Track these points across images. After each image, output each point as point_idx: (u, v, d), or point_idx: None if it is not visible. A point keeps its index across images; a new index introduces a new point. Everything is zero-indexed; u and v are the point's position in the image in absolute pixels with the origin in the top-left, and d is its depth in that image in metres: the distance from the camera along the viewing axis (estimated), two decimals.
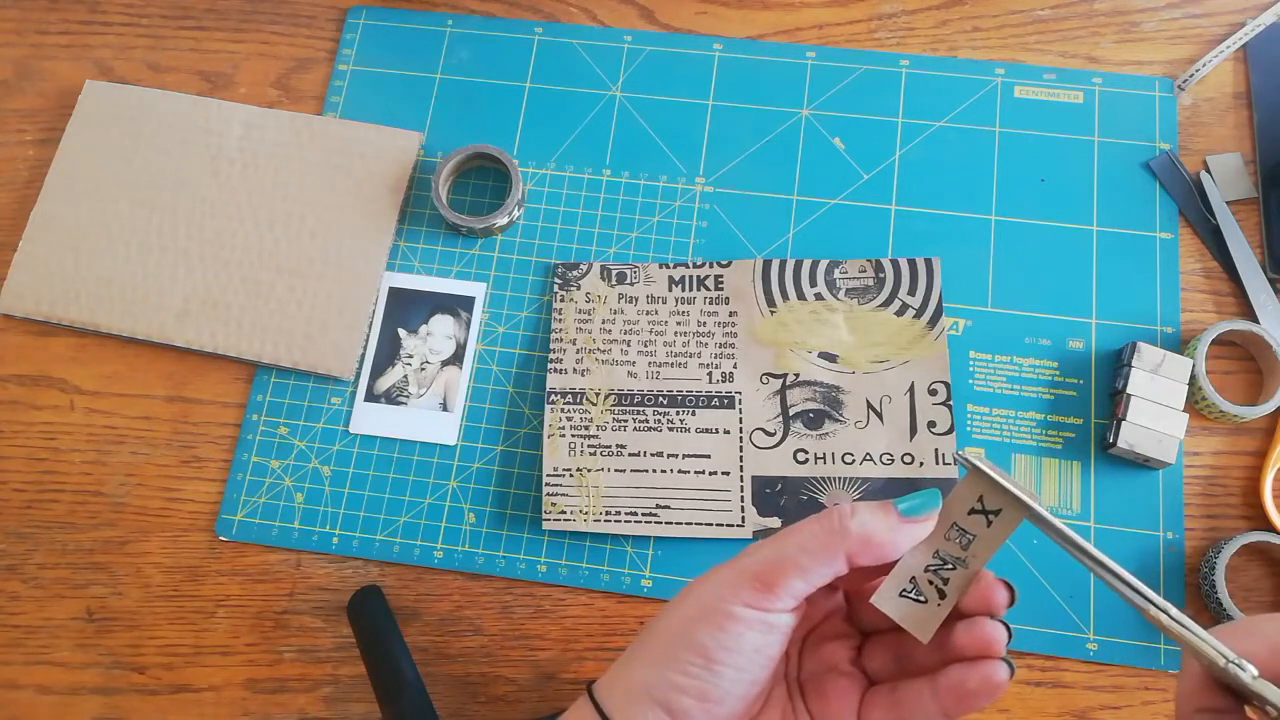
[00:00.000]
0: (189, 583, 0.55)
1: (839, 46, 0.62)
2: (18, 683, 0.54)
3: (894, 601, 0.34)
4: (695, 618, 0.34)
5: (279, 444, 0.56)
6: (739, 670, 0.33)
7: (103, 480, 0.57)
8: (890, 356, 0.55)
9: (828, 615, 0.39)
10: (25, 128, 0.63)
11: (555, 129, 0.61)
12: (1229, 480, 0.54)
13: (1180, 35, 0.61)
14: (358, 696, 0.53)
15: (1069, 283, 0.57)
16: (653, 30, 0.63)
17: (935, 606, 0.34)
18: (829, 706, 0.36)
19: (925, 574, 0.34)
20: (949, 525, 0.34)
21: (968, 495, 0.34)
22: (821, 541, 0.33)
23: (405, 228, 0.60)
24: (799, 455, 0.54)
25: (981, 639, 0.33)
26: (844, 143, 0.60)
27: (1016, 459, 0.54)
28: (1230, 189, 0.57)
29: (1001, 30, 0.62)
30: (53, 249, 0.59)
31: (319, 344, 0.57)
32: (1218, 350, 0.55)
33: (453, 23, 0.64)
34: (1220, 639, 0.29)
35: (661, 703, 0.33)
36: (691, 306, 0.57)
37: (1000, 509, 0.33)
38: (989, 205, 0.58)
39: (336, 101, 0.63)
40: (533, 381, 0.57)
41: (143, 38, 0.65)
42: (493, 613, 0.54)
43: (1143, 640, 0.51)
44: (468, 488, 0.55)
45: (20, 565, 0.55)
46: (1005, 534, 0.33)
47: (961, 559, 0.34)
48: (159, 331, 0.58)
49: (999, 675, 0.32)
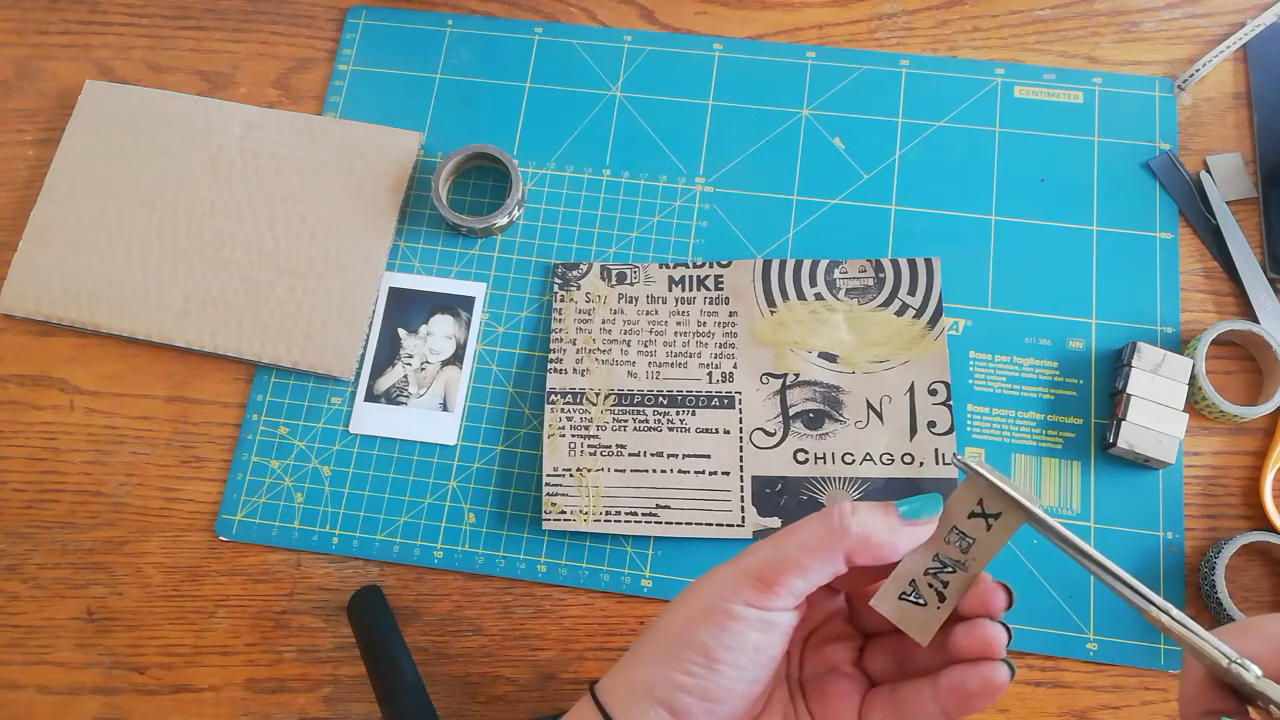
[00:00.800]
0: (189, 583, 0.55)
1: (839, 46, 0.62)
2: (18, 683, 0.54)
3: (893, 604, 0.34)
4: (696, 617, 0.34)
5: (279, 444, 0.56)
6: (740, 669, 0.33)
7: (103, 480, 0.57)
8: (890, 356, 0.55)
9: (829, 617, 0.39)
10: (25, 128, 0.63)
11: (555, 129, 0.61)
12: (1229, 480, 0.54)
13: (1180, 35, 0.61)
14: (358, 696, 0.53)
15: (1069, 283, 0.57)
16: (653, 30, 0.63)
17: (934, 609, 0.34)
18: (830, 707, 0.36)
19: (925, 577, 0.34)
20: (949, 529, 0.34)
21: (967, 499, 0.34)
22: (821, 540, 0.33)
23: (405, 228, 0.60)
24: (799, 455, 0.54)
25: (982, 640, 0.33)
26: (844, 143, 0.60)
27: (1016, 459, 0.54)
28: (1230, 189, 0.57)
29: (1001, 30, 0.62)
30: (53, 249, 0.59)
31: (319, 344, 0.57)
32: (1218, 350, 0.55)
33: (453, 23, 0.64)
34: (1223, 640, 0.29)
35: (664, 702, 0.33)
36: (691, 306, 0.57)
37: (1000, 512, 0.33)
38: (989, 205, 0.58)
39: (336, 101, 0.63)
40: (533, 381, 0.57)
41: (143, 38, 0.65)
42: (493, 613, 0.54)
43: (1143, 640, 0.51)
44: (468, 488, 0.55)
45: (20, 565, 0.55)
46: (1005, 538, 0.33)
47: (961, 562, 0.34)
48: (159, 331, 0.58)
49: (999, 676, 0.32)
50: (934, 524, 0.34)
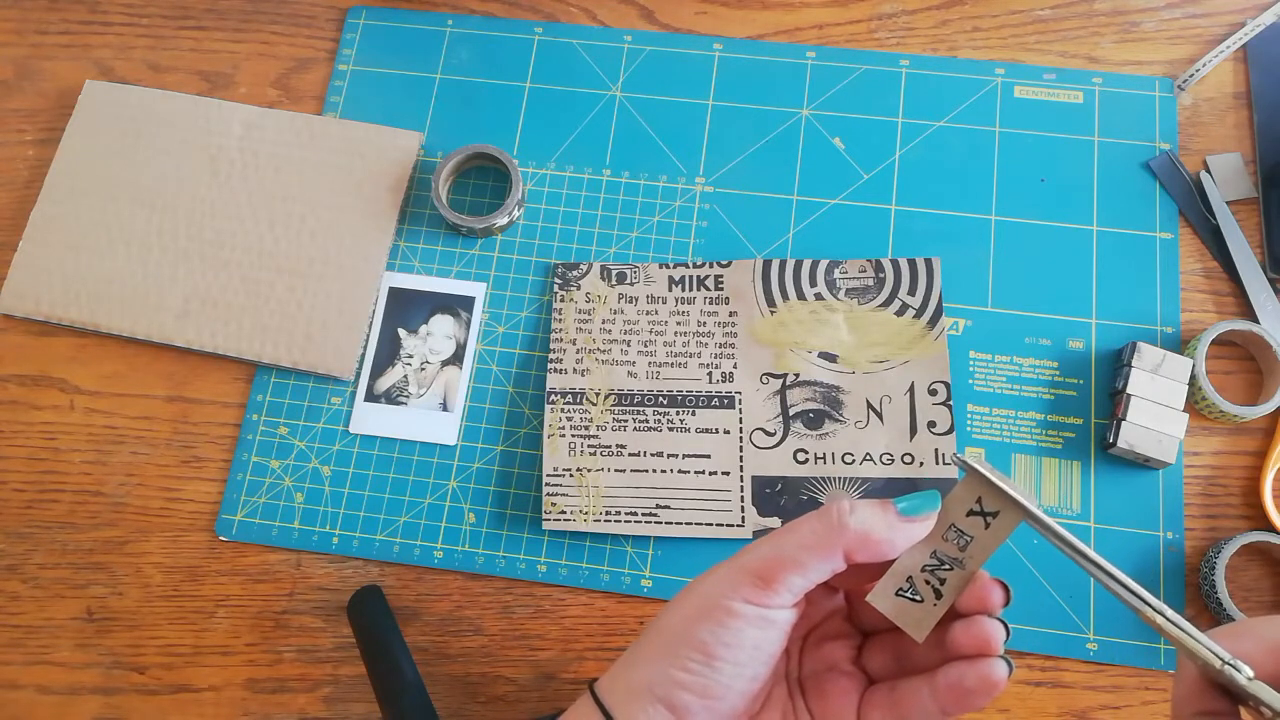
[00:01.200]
0: (189, 583, 0.55)
1: (839, 46, 0.62)
2: (18, 683, 0.54)
3: (890, 600, 0.34)
4: (695, 615, 0.34)
5: (279, 444, 0.56)
6: (738, 666, 0.33)
7: (103, 480, 0.57)
8: (890, 356, 0.55)
9: (828, 615, 0.39)
10: (25, 128, 0.63)
11: (555, 129, 0.61)
12: (1229, 480, 0.54)
13: (1180, 35, 0.61)
14: (358, 696, 0.53)
15: (1069, 283, 0.57)
16: (653, 30, 0.63)
17: (931, 606, 0.34)
18: (828, 705, 0.36)
19: (922, 574, 0.34)
20: (947, 526, 0.34)
21: (966, 497, 0.34)
22: (820, 538, 0.33)
23: (405, 228, 0.60)
24: (799, 455, 0.54)
25: (980, 636, 0.33)
26: (844, 143, 0.60)
27: (1016, 459, 0.54)
28: (1230, 189, 0.57)
29: (1001, 30, 0.62)
30: (53, 249, 0.59)
31: (319, 344, 0.57)
32: (1218, 350, 0.55)
33: (453, 23, 0.64)
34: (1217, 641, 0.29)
35: (663, 699, 0.33)
36: (691, 306, 0.57)
37: (998, 511, 0.33)
38: (989, 205, 0.58)
39: (336, 101, 0.63)
40: (533, 381, 0.57)
41: (143, 38, 0.65)
42: (493, 613, 0.54)
43: (1143, 640, 0.51)
44: (468, 488, 0.55)
45: (20, 565, 0.55)
46: (1003, 536, 0.33)
47: (959, 560, 0.34)
48: (159, 331, 0.58)
49: (997, 673, 0.32)
50: (932, 521, 0.34)
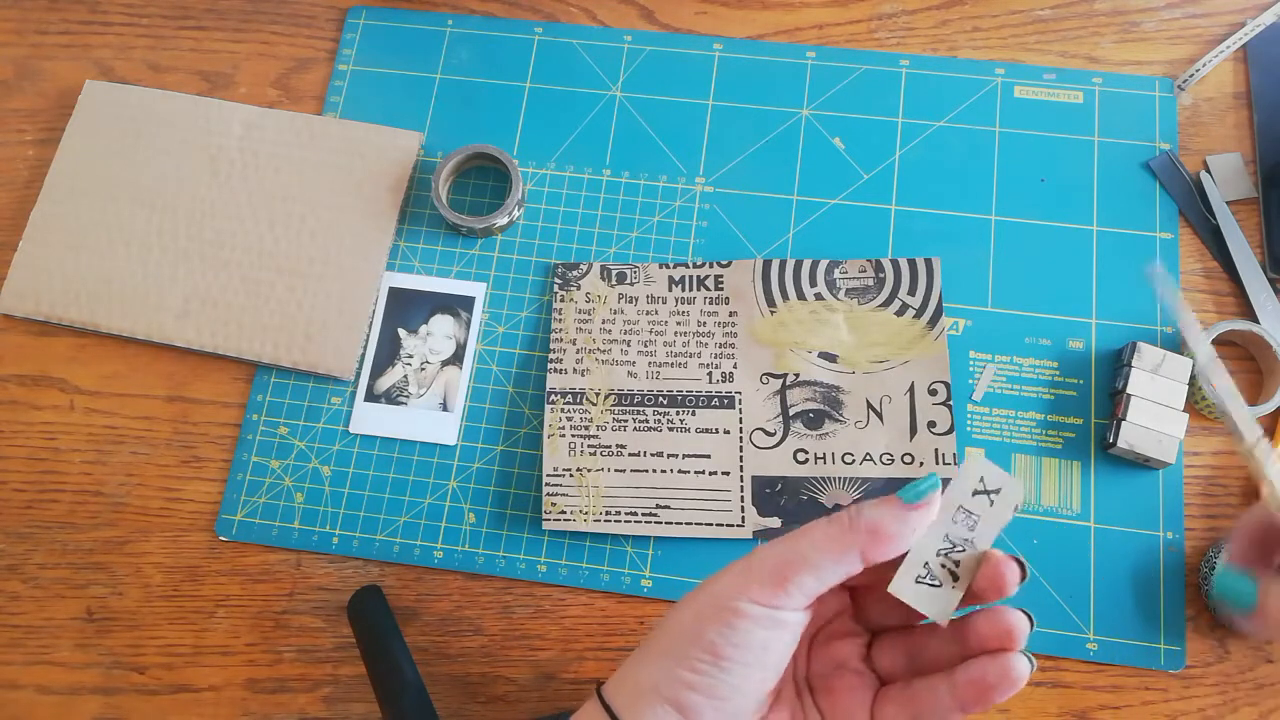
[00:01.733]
0: (189, 583, 0.55)
1: (839, 46, 0.62)
2: (18, 683, 0.54)
3: (910, 588, 0.35)
4: (704, 615, 0.34)
5: (279, 444, 0.56)
6: (747, 667, 0.33)
7: (103, 480, 0.57)
8: (890, 356, 0.55)
9: (835, 614, 0.39)
10: (25, 128, 0.63)
11: (555, 129, 0.61)
12: (1229, 480, 0.54)
13: (1180, 35, 0.61)
14: (358, 696, 0.53)
15: (1069, 283, 0.57)
16: (653, 30, 0.63)
17: (950, 589, 0.34)
18: (838, 703, 0.36)
19: (938, 558, 0.35)
20: (955, 509, 0.35)
21: (971, 476, 0.35)
22: (834, 539, 0.33)
23: (405, 228, 0.60)
24: (799, 455, 0.54)
25: (1003, 626, 0.33)
26: (844, 143, 0.60)
27: (1016, 459, 0.54)
28: (1230, 189, 0.57)
29: (1001, 30, 0.62)
30: (53, 249, 0.59)
31: (319, 344, 0.57)
32: (1218, 350, 0.55)
33: (453, 23, 0.64)
34: None
35: (671, 700, 0.33)
36: (691, 306, 0.57)
37: (1001, 488, 0.34)
38: (989, 205, 0.58)
39: (336, 101, 0.63)
40: (533, 381, 0.57)
41: (143, 38, 0.65)
42: (493, 613, 0.54)
43: (1143, 640, 0.51)
44: (468, 488, 0.55)
45: (20, 565, 0.55)
46: (1008, 511, 0.34)
47: (970, 540, 0.35)
48: (159, 331, 0.58)
49: (1019, 668, 0.32)
50: (937, 502, 0.34)
